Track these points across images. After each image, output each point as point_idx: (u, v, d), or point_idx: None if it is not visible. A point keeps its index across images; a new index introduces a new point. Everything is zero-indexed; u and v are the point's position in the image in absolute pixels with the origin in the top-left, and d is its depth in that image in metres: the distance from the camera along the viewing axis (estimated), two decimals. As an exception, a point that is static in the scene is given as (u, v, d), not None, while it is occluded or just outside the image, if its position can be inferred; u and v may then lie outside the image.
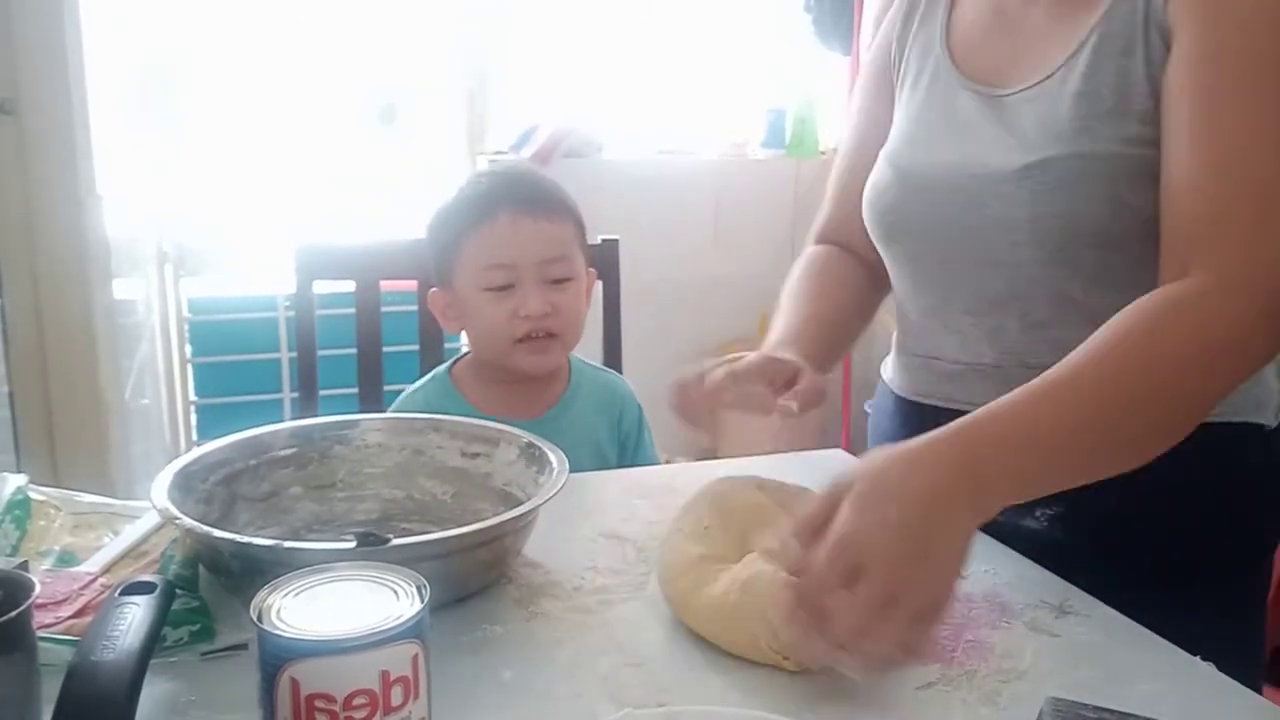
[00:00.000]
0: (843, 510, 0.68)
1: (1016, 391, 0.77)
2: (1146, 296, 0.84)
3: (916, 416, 1.09)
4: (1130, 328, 0.81)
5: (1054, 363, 0.90)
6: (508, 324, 1.25)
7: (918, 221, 1.05)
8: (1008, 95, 0.99)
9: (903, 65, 1.13)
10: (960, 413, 0.96)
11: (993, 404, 0.76)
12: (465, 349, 1.39)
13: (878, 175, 1.09)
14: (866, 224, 1.11)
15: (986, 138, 0.99)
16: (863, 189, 1.12)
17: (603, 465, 1.31)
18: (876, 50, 1.18)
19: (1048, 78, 0.97)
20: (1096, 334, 0.81)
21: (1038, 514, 1.00)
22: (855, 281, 1.17)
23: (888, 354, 1.20)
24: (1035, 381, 0.78)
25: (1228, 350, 0.82)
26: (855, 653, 0.66)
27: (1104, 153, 0.92)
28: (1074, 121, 0.94)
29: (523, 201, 1.27)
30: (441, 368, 1.36)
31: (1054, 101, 0.95)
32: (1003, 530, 0.95)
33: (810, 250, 1.21)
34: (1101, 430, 0.78)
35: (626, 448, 1.37)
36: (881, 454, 0.72)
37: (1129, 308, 0.83)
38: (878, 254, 1.13)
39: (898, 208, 1.06)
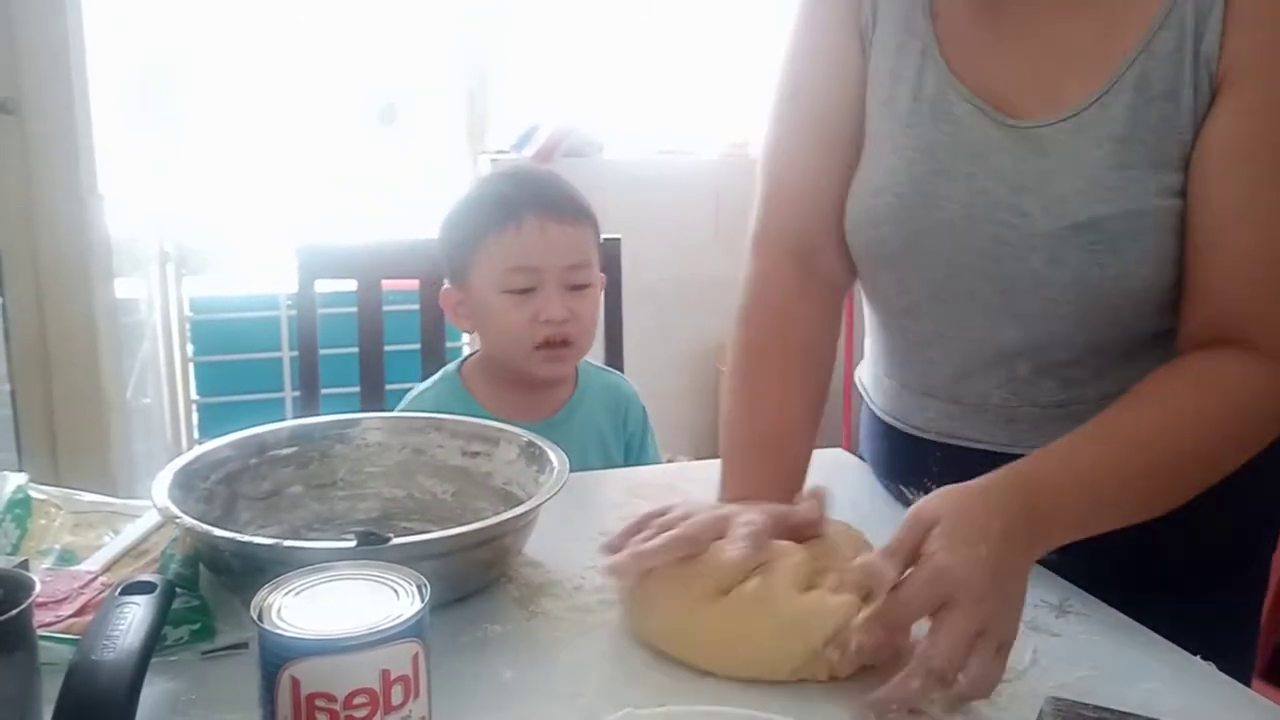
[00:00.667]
0: (935, 543, 0.71)
1: (1072, 440, 0.81)
2: (1194, 358, 0.85)
3: (906, 448, 1.02)
4: (1187, 400, 0.83)
5: (1066, 400, 0.93)
6: (527, 328, 1.25)
7: (926, 259, 0.95)
8: (1028, 128, 0.90)
9: (875, 32, 0.98)
10: (964, 449, 0.98)
11: (1051, 451, 0.80)
12: (467, 348, 1.39)
13: (871, 198, 0.97)
14: (853, 248, 1.00)
15: (1012, 176, 0.90)
16: (815, 171, 1.01)
17: (609, 466, 1.31)
18: (831, 6, 1.00)
19: (1077, 113, 0.88)
20: (1147, 392, 0.84)
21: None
22: (822, 358, 1.01)
23: (862, 358, 1.14)
24: (1089, 434, 0.81)
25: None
26: (941, 683, 0.68)
27: (1151, 207, 0.86)
28: (1117, 171, 0.86)
29: (550, 206, 1.26)
30: (450, 367, 1.36)
31: (1094, 144, 0.87)
32: None
33: (757, 297, 1.06)
34: (1150, 489, 0.82)
35: (631, 448, 1.37)
36: (958, 492, 0.75)
37: (1179, 370, 0.85)
38: (845, 258, 1.02)
39: (898, 240, 0.96)
